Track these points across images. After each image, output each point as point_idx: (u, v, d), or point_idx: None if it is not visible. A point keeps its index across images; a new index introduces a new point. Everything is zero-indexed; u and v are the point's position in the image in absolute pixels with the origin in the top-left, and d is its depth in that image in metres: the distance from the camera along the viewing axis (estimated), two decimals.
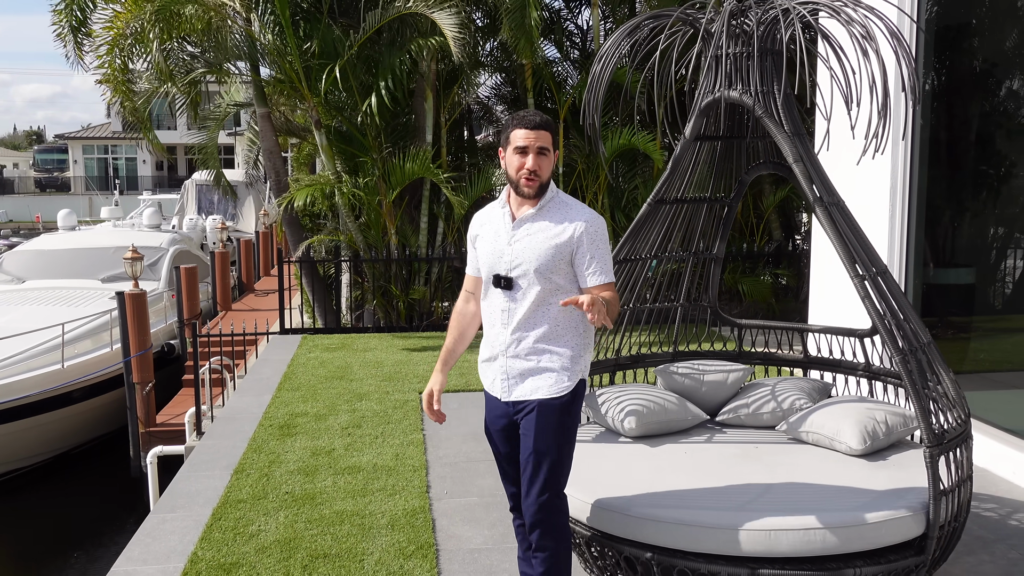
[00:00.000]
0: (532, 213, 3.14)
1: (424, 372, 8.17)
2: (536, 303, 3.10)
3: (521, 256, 3.11)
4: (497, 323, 3.18)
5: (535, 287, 3.09)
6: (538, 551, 3.14)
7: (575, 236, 3.07)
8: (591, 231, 3.08)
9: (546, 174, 3.11)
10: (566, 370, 3.11)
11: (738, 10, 3.91)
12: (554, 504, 3.11)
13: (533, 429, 3.10)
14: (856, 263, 3.65)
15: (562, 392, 3.10)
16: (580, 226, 3.08)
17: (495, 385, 3.23)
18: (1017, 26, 5.41)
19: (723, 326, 5.24)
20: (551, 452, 3.08)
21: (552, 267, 3.08)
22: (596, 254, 3.08)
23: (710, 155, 4.61)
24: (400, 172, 10.34)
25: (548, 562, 3.12)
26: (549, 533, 3.11)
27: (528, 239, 3.11)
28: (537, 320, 3.11)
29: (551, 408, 3.09)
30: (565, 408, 3.10)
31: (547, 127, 3.09)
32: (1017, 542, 4.26)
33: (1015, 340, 5.46)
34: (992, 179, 5.64)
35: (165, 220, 19.48)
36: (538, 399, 3.10)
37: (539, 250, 3.09)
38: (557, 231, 3.08)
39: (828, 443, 4.04)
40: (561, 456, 3.11)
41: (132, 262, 10.57)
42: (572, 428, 3.15)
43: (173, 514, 4.80)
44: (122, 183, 39.38)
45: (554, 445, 3.08)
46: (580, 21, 17.95)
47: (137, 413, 9.81)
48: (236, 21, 10.73)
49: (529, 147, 3.06)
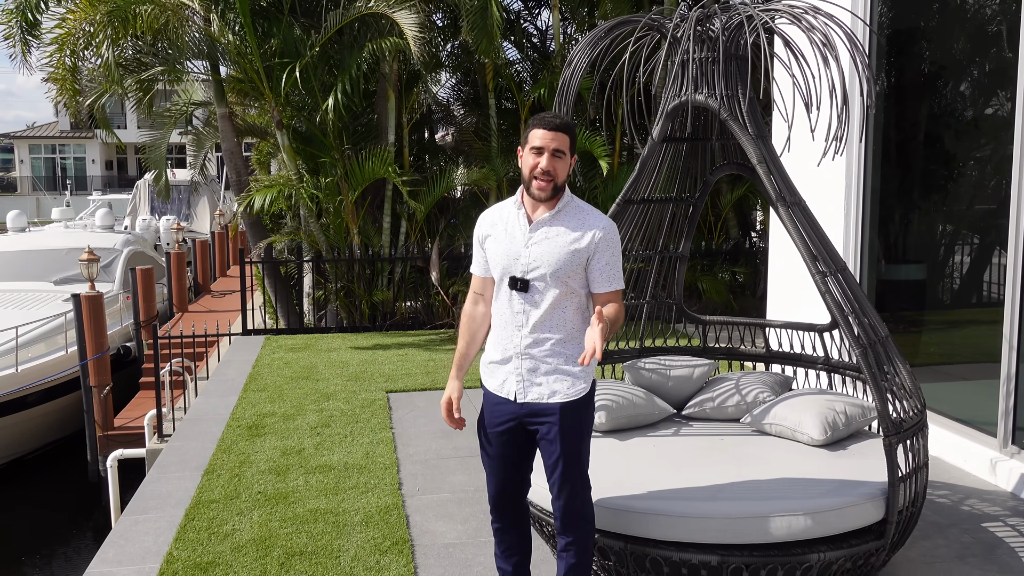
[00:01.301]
0: (549, 216, 3.14)
1: (390, 372, 8.22)
2: (552, 306, 3.11)
3: (539, 259, 3.09)
4: (510, 325, 3.16)
5: (552, 290, 3.09)
6: (568, 546, 3.19)
7: (593, 242, 3.09)
8: (608, 238, 3.11)
9: (561, 176, 3.09)
10: (583, 371, 3.14)
11: (703, 16, 4.03)
12: (586, 498, 3.20)
13: (559, 433, 3.11)
14: (817, 260, 3.79)
15: (580, 394, 3.13)
16: (598, 233, 3.10)
17: (507, 386, 3.20)
18: (964, 30, 5.62)
19: (687, 323, 5.38)
20: (577, 451, 3.14)
21: (569, 272, 3.09)
22: (611, 261, 3.11)
23: (675, 156, 4.74)
24: (360, 172, 10.36)
25: (579, 555, 3.19)
26: (582, 527, 3.19)
27: (546, 242, 3.10)
28: (552, 323, 3.12)
29: (574, 410, 3.12)
30: (585, 407, 3.16)
31: (566, 130, 3.08)
32: (970, 526, 4.45)
33: (965, 333, 5.68)
34: (941, 178, 5.86)
35: (117, 221, 19.20)
36: (558, 403, 3.11)
37: (558, 254, 3.08)
38: (576, 236, 3.09)
39: (791, 434, 4.19)
40: (585, 452, 3.20)
41: (88, 263, 10.44)
42: (591, 424, 3.25)
43: (146, 515, 4.80)
44: (71, 183, 38.59)
45: (579, 444, 3.15)
46: (539, 23, 18.05)
47: (95, 417, 9.69)
48: (194, 20, 10.65)
49: (545, 147, 3.05)
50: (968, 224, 5.70)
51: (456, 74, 12.62)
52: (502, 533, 3.38)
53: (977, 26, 5.52)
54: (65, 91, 10.76)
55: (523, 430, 3.21)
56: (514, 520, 3.37)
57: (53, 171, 47.75)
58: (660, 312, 5.30)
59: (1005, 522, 4.50)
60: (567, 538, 3.20)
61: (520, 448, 3.25)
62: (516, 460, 3.27)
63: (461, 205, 12.18)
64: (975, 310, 5.66)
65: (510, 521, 3.36)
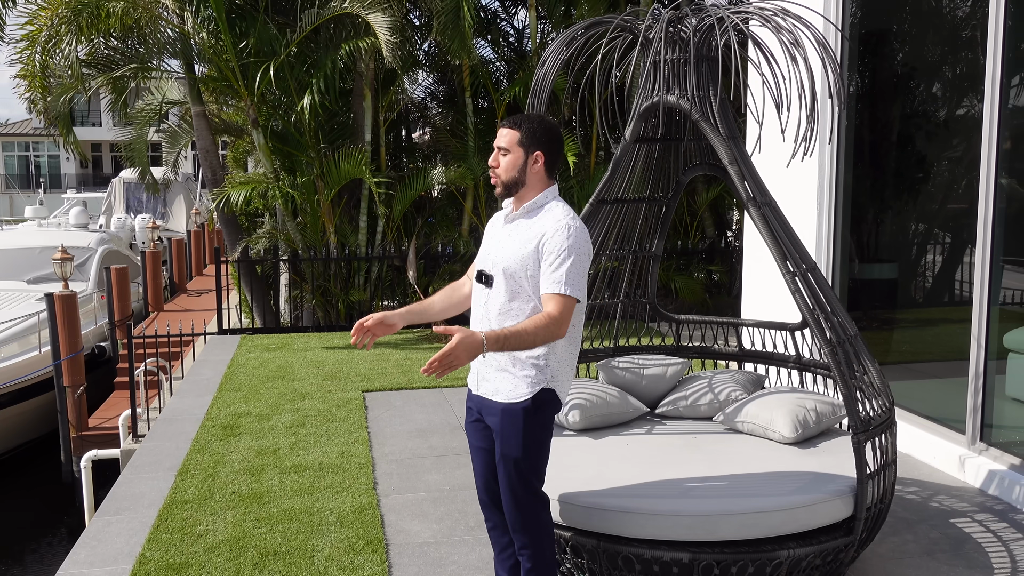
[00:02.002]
0: (516, 214, 3.14)
1: (366, 371, 8.21)
2: (507, 304, 3.07)
3: (498, 256, 3.10)
4: (475, 318, 3.19)
5: (505, 288, 3.07)
6: (521, 549, 3.17)
7: (541, 243, 3.01)
8: (552, 237, 2.99)
9: (506, 173, 3.08)
10: (527, 377, 3.06)
11: (675, 18, 4.06)
12: (530, 504, 3.12)
13: (499, 433, 3.10)
14: (787, 260, 3.83)
15: (520, 398, 3.06)
16: (547, 234, 3.01)
17: (471, 377, 3.25)
18: (934, 33, 5.70)
19: (661, 322, 5.41)
20: (516, 455, 3.07)
21: (520, 271, 3.04)
22: (555, 263, 2.97)
23: (648, 156, 4.77)
24: (336, 172, 10.34)
25: (533, 559, 3.16)
26: (526, 531, 3.14)
27: (507, 240, 3.11)
28: (509, 319, 3.07)
29: (512, 412, 3.07)
30: (527, 414, 3.05)
31: (514, 126, 3.06)
32: (938, 522, 4.51)
33: (935, 332, 5.75)
34: (912, 178, 5.93)
35: (92, 219, 19.05)
36: (500, 402, 3.09)
37: (510, 253, 3.07)
38: (529, 236, 3.05)
39: (762, 432, 4.23)
40: (528, 458, 3.08)
41: (62, 263, 10.35)
42: (538, 434, 3.11)
43: (118, 516, 4.77)
44: (45, 181, 38.18)
45: (518, 448, 3.06)
46: (516, 22, 18.07)
47: (68, 417, 9.62)
48: (168, 18, 10.58)
49: (496, 144, 3.09)
50: (939, 224, 5.77)
51: (433, 73, 12.62)
52: (496, 534, 3.35)
53: (948, 29, 5.59)
54: (34, 88, 10.65)
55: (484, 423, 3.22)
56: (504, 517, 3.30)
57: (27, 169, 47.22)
58: (634, 311, 5.33)
59: (973, 518, 4.57)
60: (519, 541, 3.18)
61: None
62: (492, 450, 3.22)
63: (438, 204, 12.17)
64: (945, 309, 5.74)
65: (501, 519, 3.31)
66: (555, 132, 3.12)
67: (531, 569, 3.19)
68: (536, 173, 3.09)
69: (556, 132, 3.13)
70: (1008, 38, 4.86)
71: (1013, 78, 4.90)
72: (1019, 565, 4.03)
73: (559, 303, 2.95)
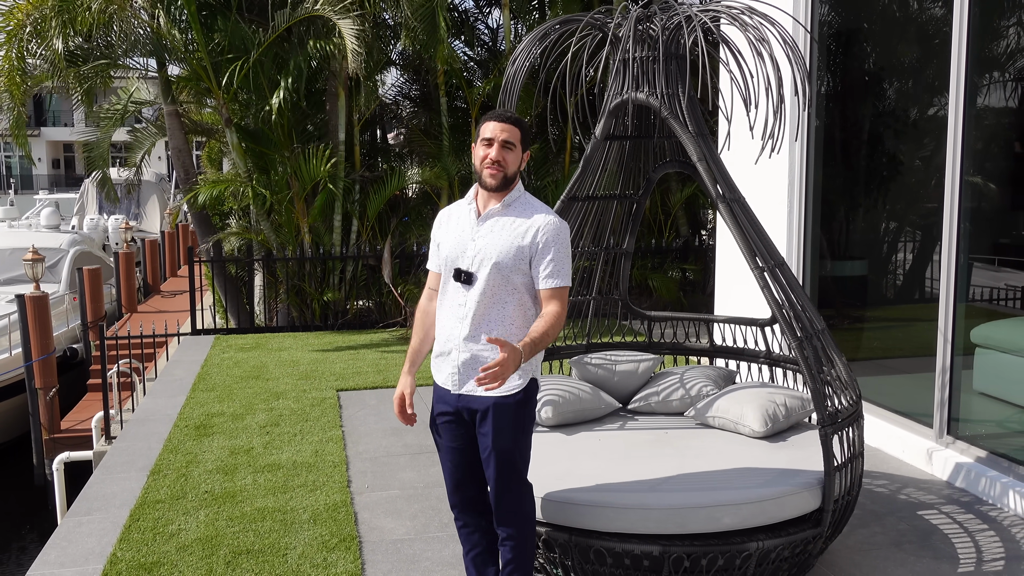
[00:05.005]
0: (498, 209, 3.17)
1: (340, 370, 8.19)
2: (492, 300, 3.12)
3: (484, 251, 3.11)
4: (453, 317, 3.17)
5: (493, 283, 3.10)
6: (505, 540, 3.21)
7: (537, 238, 3.08)
8: (553, 233, 3.09)
9: (511, 167, 3.13)
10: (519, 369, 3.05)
11: (644, 16, 4.10)
12: (522, 495, 3.20)
13: (491, 429, 3.12)
14: (756, 256, 3.87)
15: (514, 391, 3.12)
16: (542, 229, 3.08)
17: (447, 377, 3.22)
18: (902, 34, 5.77)
19: (633, 319, 5.45)
20: (508, 451, 3.12)
21: (512, 266, 3.09)
22: (556, 257, 3.08)
23: (619, 154, 4.80)
24: (307, 171, 10.32)
25: (515, 550, 3.20)
26: (513, 522, 3.19)
27: (492, 235, 3.13)
28: (492, 317, 3.12)
29: (506, 407, 3.11)
30: (520, 406, 3.13)
31: (517, 124, 3.14)
32: (906, 515, 4.57)
33: (904, 328, 5.83)
34: (881, 177, 6.00)
35: (64, 220, 18.84)
36: (492, 398, 3.11)
37: (502, 247, 3.10)
38: (521, 231, 3.10)
39: (733, 427, 4.27)
40: (520, 450, 3.16)
41: (33, 264, 10.25)
42: (528, 424, 3.19)
43: (89, 517, 4.74)
44: (16, 182, 37.72)
45: (511, 444, 3.12)
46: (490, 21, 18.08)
47: (40, 419, 9.52)
48: (140, 15, 10.50)
49: (495, 139, 3.11)
50: (908, 222, 5.85)
51: (407, 72, 12.61)
52: (466, 532, 3.36)
53: (916, 30, 5.66)
54: (10, 85, 10.53)
55: (464, 422, 3.22)
56: (477, 518, 3.34)
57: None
58: (607, 308, 5.37)
59: (940, 510, 4.64)
60: (504, 532, 3.22)
61: (473, 440, 3.23)
62: (467, 450, 3.25)
63: (413, 204, 12.17)
64: (914, 305, 5.82)
65: (472, 519, 3.34)
66: (524, 127, 3.21)
67: (512, 559, 3.22)
68: (519, 169, 3.21)
69: (525, 127, 3.22)
70: (972, 40, 4.94)
71: (978, 79, 4.98)
72: (984, 555, 4.10)
73: (563, 296, 3.12)
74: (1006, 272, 4.94)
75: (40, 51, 10.11)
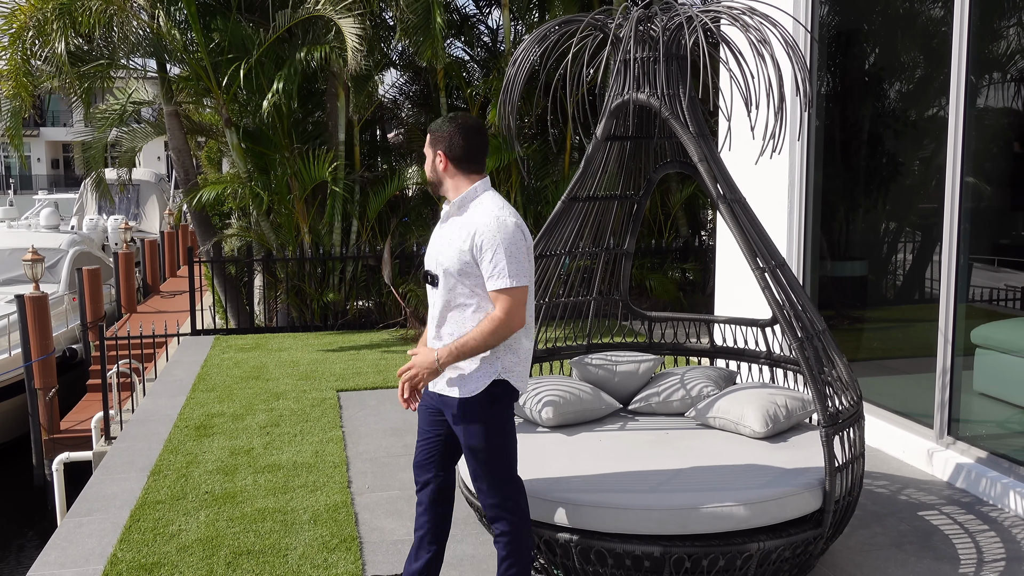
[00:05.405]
0: (454, 211, 3.23)
1: (340, 371, 8.19)
2: (453, 303, 3.16)
3: (437, 255, 3.20)
4: (431, 317, 3.28)
5: (449, 287, 3.15)
6: (499, 537, 3.28)
7: (475, 240, 3.08)
8: (489, 234, 3.05)
9: (428, 173, 3.27)
10: (476, 370, 3.15)
11: (645, 16, 4.09)
12: (501, 491, 3.24)
13: (461, 427, 3.21)
14: (757, 256, 3.87)
15: (472, 392, 3.15)
16: (479, 231, 3.07)
17: None
18: (904, 34, 5.77)
19: (634, 319, 5.45)
20: (480, 450, 3.19)
21: (460, 270, 3.11)
22: (495, 258, 3.05)
23: (620, 154, 4.80)
24: (307, 173, 10.32)
25: (508, 547, 3.26)
26: (501, 518, 3.25)
27: (440, 240, 3.22)
28: (453, 319, 3.17)
29: (471, 406, 3.17)
30: (484, 406, 3.16)
31: (426, 132, 3.28)
32: (906, 515, 4.58)
33: (905, 328, 5.83)
34: (882, 177, 6.00)
35: (64, 220, 18.83)
36: (455, 397, 3.19)
37: (448, 251, 3.14)
38: (461, 235, 3.13)
39: (733, 427, 4.27)
40: (493, 449, 3.20)
41: (32, 264, 10.24)
42: (499, 423, 3.21)
43: (89, 517, 4.73)
44: (16, 182, 37.69)
45: (482, 440, 3.18)
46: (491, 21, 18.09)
47: (40, 420, 9.52)
48: (139, 16, 10.49)
49: None
50: (908, 222, 5.85)
51: (407, 72, 12.60)
52: (419, 511, 3.43)
53: (917, 30, 5.66)
54: (18, 86, 10.52)
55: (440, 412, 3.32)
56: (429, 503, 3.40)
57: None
58: (607, 309, 5.37)
59: (940, 510, 4.64)
60: (495, 529, 3.30)
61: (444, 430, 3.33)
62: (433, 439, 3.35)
63: (413, 204, 12.16)
64: (914, 306, 5.82)
65: (425, 500, 3.41)
66: (446, 130, 3.19)
67: (506, 556, 3.27)
68: (447, 171, 3.21)
69: (448, 130, 3.19)
70: (972, 40, 4.94)
71: (978, 79, 4.98)
72: (985, 556, 4.10)
73: (506, 298, 3.06)
74: (1006, 272, 4.94)
75: (43, 53, 10.11)
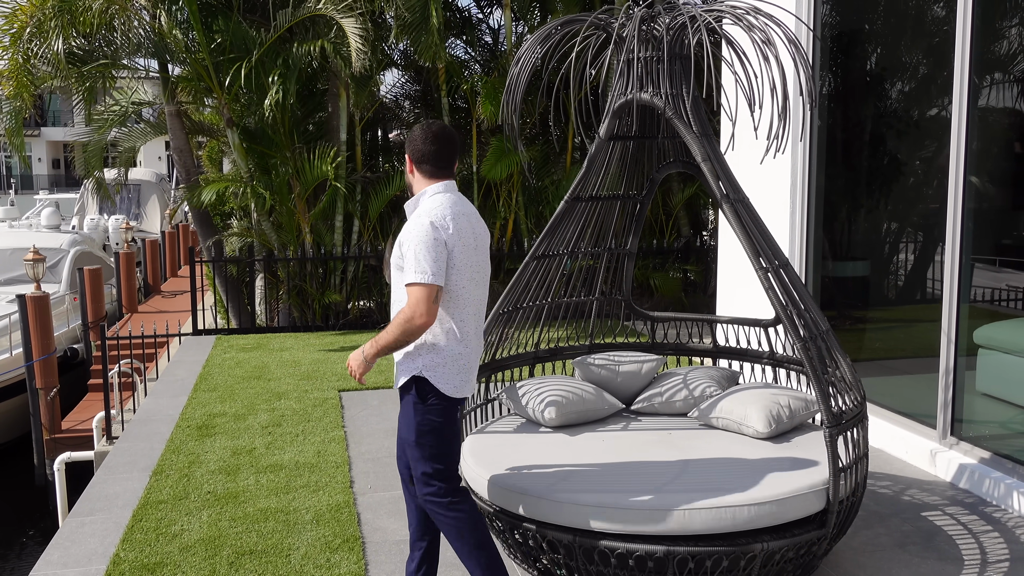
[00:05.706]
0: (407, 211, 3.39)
1: (342, 371, 8.18)
2: (400, 297, 3.30)
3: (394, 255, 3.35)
4: None
5: (395, 280, 3.31)
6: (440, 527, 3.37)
7: (401, 240, 3.23)
8: (407, 234, 3.20)
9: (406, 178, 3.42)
10: (400, 363, 3.30)
11: (648, 16, 4.09)
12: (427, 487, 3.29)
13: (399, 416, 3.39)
14: (760, 256, 3.86)
15: (398, 383, 3.31)
16: (404, 232, 3.24)
17: None
18: (906, 34, 5.77)
19: (636, 319, 5.44)
20: (411, 442, 3.28)
21: (397, 265, 3.27)
22: (405, 253, 3.18)
23: (623, 154, 4.79)
24: (309, 172, 10.31)
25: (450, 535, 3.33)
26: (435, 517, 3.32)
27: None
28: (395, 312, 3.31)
29: (405, 400, 3.31)
30: (411, 399, 3.27)
31: None
32: (910, 516, 4.57)
33: (907, 329, 5.82)
34: (884, 177, 6.00)
35: (65, 220, 18.83)
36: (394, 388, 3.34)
37: (396, 249, 3.29)
38: (402, 234, 3.27)
39: (737, 427, 4.27)
40: (419, 444, 3.26)
41: (33, 264, 10.24)
42: (428, 420, 3.25)
43: (92, 517, 4.73)
44: (16, 182, 37.69)
45: (412, 435, 3.28)
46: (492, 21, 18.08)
47: (41, 419, 9.51)
48: (141, 16, 10.49)
49: None
50: (910, 222, 5.84)
51: (408, 72, 12.59)
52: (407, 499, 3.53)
53: (920, 30, 5.66)
54: (20, 86, 10.51)
55: None
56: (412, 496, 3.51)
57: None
58: (610, 309, 5.36)
59: (944, 511, 4.63)
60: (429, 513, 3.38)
61: None
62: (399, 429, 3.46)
63: None
64: (916, 306, 5.81)
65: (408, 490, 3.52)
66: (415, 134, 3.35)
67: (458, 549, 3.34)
68: (412, 173, 3.37)
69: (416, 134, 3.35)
70: (975, 40, 4.94)
71: (981, 79, 4.97)
72: (989, 557, 4.09)
73: (411, 293, 3.13)
74: (1009, 273, 4.93)
75: (41, 52, 10.10)
